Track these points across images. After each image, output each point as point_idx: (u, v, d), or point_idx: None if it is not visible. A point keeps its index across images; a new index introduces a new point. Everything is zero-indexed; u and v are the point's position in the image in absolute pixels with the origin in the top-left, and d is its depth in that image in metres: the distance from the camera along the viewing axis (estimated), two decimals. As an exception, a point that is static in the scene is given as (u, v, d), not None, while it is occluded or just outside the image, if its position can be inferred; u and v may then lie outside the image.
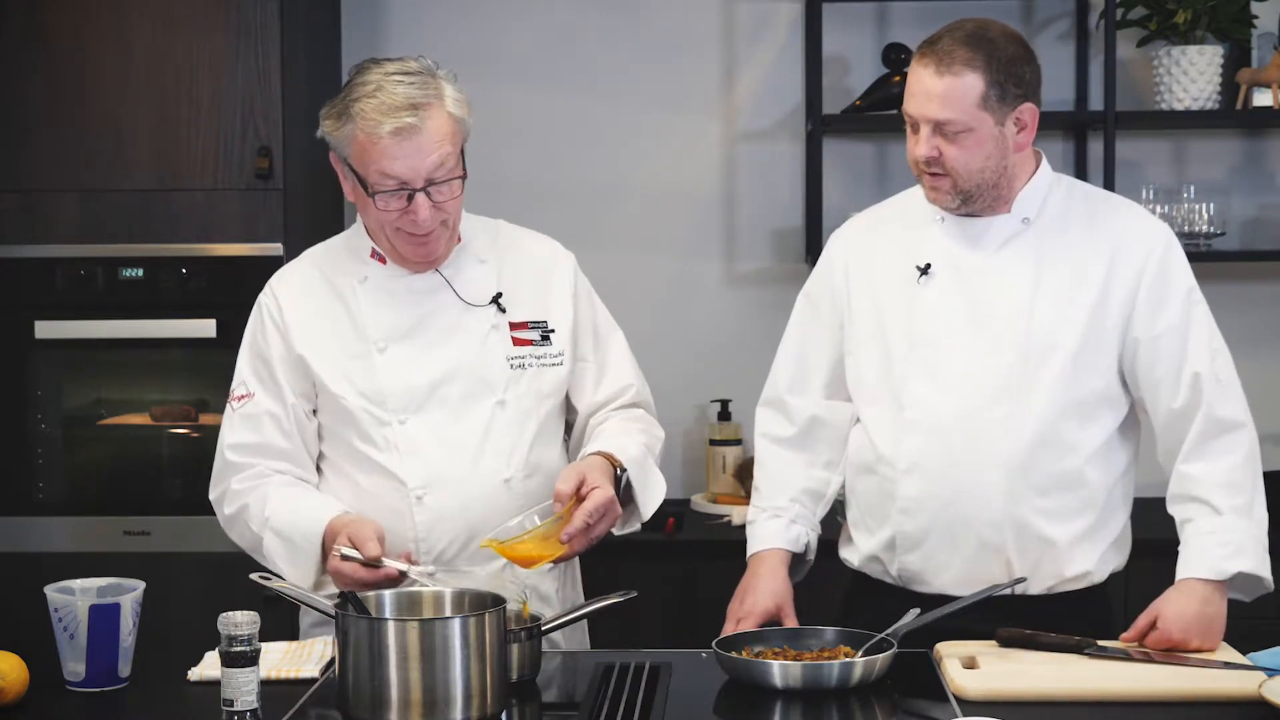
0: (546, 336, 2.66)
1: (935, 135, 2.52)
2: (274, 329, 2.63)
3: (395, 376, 2.58)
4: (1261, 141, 4.28)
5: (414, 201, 2.48)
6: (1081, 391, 2.54)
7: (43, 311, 3.78)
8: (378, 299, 2.62)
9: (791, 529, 2.73)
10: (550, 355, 2.65)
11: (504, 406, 2.60)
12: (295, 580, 2.49)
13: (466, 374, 2.59)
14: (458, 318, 2.62)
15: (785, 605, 2.64)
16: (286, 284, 2.68)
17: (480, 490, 2.56)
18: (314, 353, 2.60)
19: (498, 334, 2.62)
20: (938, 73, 2.49)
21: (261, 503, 2.57)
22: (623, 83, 4.31)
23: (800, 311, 2.80)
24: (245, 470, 2.61)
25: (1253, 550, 2.48)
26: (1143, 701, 2.23)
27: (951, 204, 2.58)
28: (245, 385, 2.64)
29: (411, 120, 2.44)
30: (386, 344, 2.59)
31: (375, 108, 2.45)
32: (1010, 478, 2.53)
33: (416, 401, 2.58)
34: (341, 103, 2.51)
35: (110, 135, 3.76)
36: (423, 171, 2.47)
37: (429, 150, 2.46)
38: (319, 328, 2.62)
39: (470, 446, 2.58)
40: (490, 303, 2.63)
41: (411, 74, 2.49)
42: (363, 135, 2.46)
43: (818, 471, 2.76)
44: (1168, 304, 2.55)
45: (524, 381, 2.62)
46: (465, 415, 2.59)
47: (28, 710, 2.26)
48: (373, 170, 2.47)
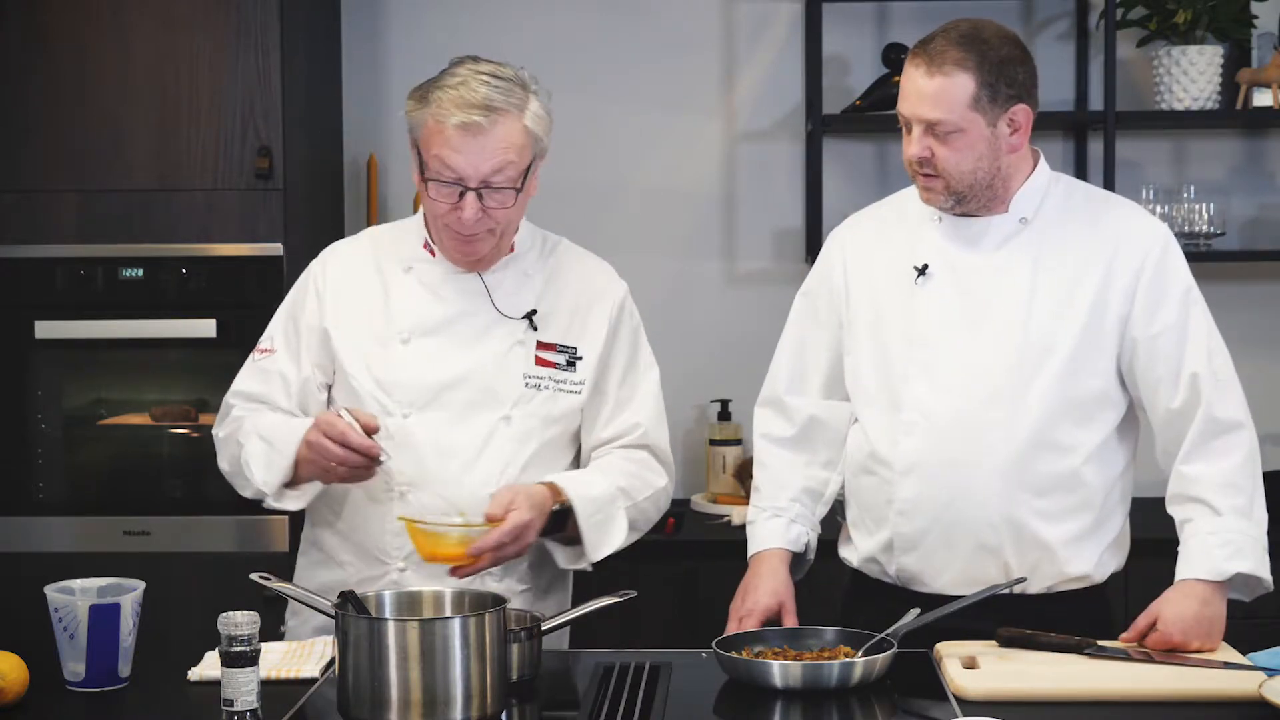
0: (572, 363, 2.65)
1: (927, 136, 2.52)
2: (313, 297, 2.66)
3: (409, 370, 2.59)
4: (1261, 141, 4.29)
5: (463, 199, 2.49)
6: (1079, 392, 2.54)
7: (43, 311, 3.78)
8: (416, 291, 2.63)
9: (792, 529, 2.74)
10: (571, 382, 2.64)
11: (509, 422, 2.60)
12: (261, 479, 2.54)
13: (478, 382, 2.59)
14: (487, 325, 2.61)
15: (787, 602, 2.65)
16: (338, 257, 2.72)
17: (463, 500, 2.55)
18: (341, 330, 2.62)
19: (522, 349, 2.62)
20: (929, 73, 2.50)
21: (256, 419, 2.61)
22: (623, 83, 4.31)
23: (798, 311, 2.80)
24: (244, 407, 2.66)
25: (1252, 551, 2.48)
26: (1143, 701, 2.22)
27: (945, 204, 2.58)
28: (271, 340, 2.68)
29: (480, 119, 2.46)
30: (411, 336, 2.60)
31: (452, 98, 2.47)
32: (1007, 479, 2.53)
33: (423, 399, 2.58)
34: (427, 87, 2.53)
35: (110, 135, 3.76)
36: (479, 172, 2.47)
37: (491, 153, 2.47)
38: (354, 307, 2.64)
39: (464, 454, 2.58)
40: (523, 317, 2.63)
41: (501, 78, 2.51)
42: (433, 121, 2.48)
43: (817, 471, 2.77)
44: (1166, 304, 2.55)
45: (535, 402, 2.61)
46: (467, 422, 2.59)
47: (28, 710, 2.26)
48: (433, 156, 2.49)
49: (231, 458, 2.64)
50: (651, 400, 2.73)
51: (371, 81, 4.33)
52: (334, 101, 4.24)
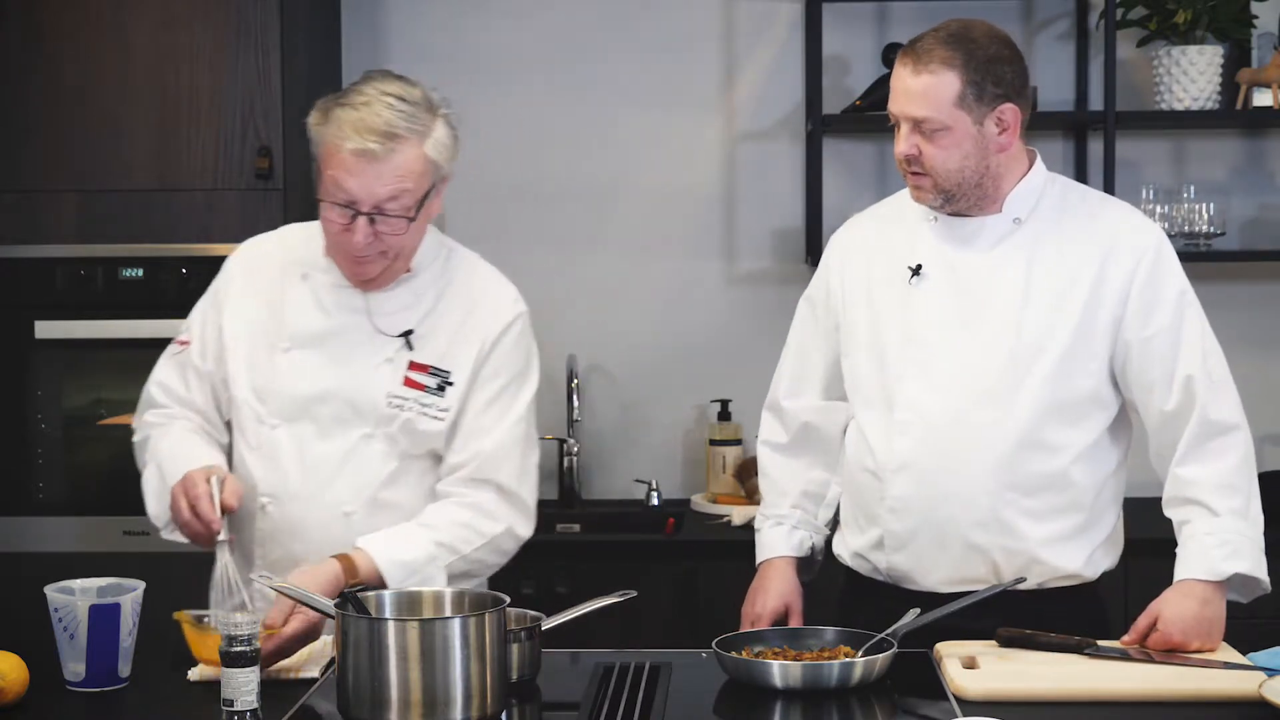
0: (443, 388, 2.59)
1: (914, 133, 2.53)
2: (221, 295, 2.68)
3: (284, 380, 2.59)
4: (1261, 141, 4.28)
5: (355, 222, 2.46)
6: (1069, 393, 2.54)
7: (43, 311, 3.78)
8: (306, 300, 2.62)
9: (794, 535, 2.78)
10: (436, 408, 2.58)
11: (369, 441, 2.58)
12: (154, 515, 2.60)
13: (345, 398, 2.58)
14: (364, 340, 2.59)
15: (793, 604, 2.72)
16: (250, 256, 2.73)
17: (320, 516, 2.56)
18: (234, 332, 2.63)
19: (390, 368, 2.58)
20: (915, 71, 2.51)
21: (160, 439, 2.63)
22: (623, 83, 4.31)
23: (800, 315, 2.82)
24: (161, 409, 2.67)
25: (1249, 551, 2.48)
26: (1143, 701, 2.23)
27: (934, 203, 2.59)
28: (189, 332, 2.69)
29: (375, 146, 2.42)
30: (291, 346, 2.60)
31: (353, 121, 2.44)
32: (996, 478, 2.53)
33: (292, 411, 2.58)
34: (332, 102, 2.51)
35: (110, 135, 3.76)
36: (373, 198, 2.45)
37: (386, 181, 2.44)
38: (251, 311, 2.64)
39: (324, 470, 2.57)
40: (399, 335, 2.60)
41: (407, 102, 2.47)
42: (331, 141, 2.46)
43: (816, 474, 2.80)
44: (1159, 306, 2.55)
45: (397, 423, 2.58)
46: (330, 438, 2.58)
47: (28, 710, 2.26)
48: (328, 176, 2.47)
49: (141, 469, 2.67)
50: (509, 432, 2.61)
51: (371, 81, 4.32)
52: (334, 101, 4.23)
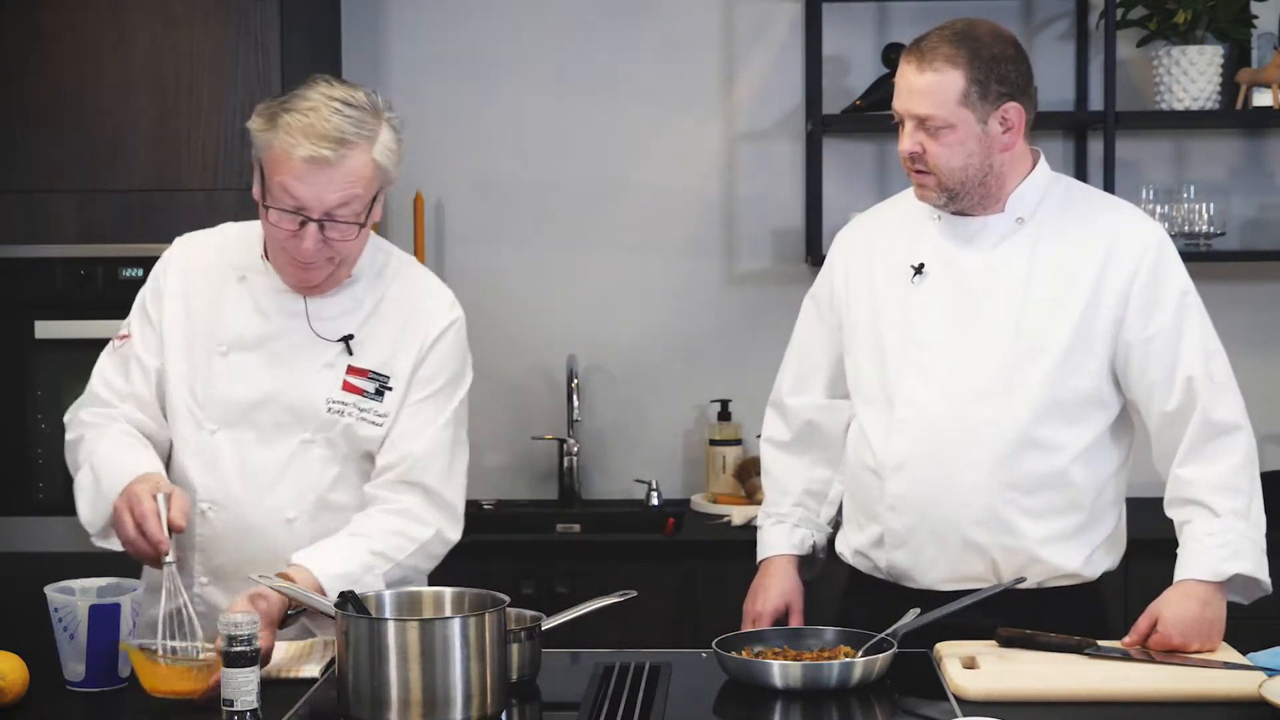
0: (381, 392, 2.57)
1: (918, 131, 2.53)
2: (156, 291, 2.63)
3: (222, 385, 2.56)
4: (1261, 141, 4.28)
5: (304, 229, 2.44)
6: (1068, 392, 2.54)
7: (43, 311, 3.78)
8: (243, 303, 2.59)
9: (795, 533, 2.79)
10: (375, 412, 2.57)
11: (309, 446, 2.56)
12: (87, 518, 2.51)
13: (284, 403, 2.55)
14: (302, 344, 2.57)
15: (794, 603, 2.74)
16: (185, 252, 2.67)
17: (262, 522, 2.54)
18: (170, 334, 2.59)
19: (330, 373, 2.57)
20: (920, 69, 2.51)
21: (96, 439, 2.56)
22: (623, 83, 4.31)
23: (805, 313, 2.83)
24: (101, 407, 2.61)
25: (1250, 552, 2.48)
26: (1143, 701, 2.23)
27: (937, 201, 2.59)
28: (129, 326, 2.65)
29: (328, 153, 2.40)
30: (229, 350, 2.57)
31: (301, 127, 2.40)
32: (994, 476, 2.54)
33: (232, 416, 2.55)
34: (276, 107, 2.46)
35: (110, 135, 3.76)
36: (323, 204, 2.42)
37: (337, 186, 2.42)
38: (187, 311, 2.60)
39: (265, 476, 2.55)
40: (339, 340, 2.57)
41: (354, 107, 2.44)
42: (279, 148, 2.42)
43: (818, 472, 2.81)
44: (1160, 306, 2.55)
45: (337, 428, 2.56)
46: (270, 443, 2.56)
47: (28, 710, 2.26)
48: (276, 183, 2.43)
49: (72, 468, 2.61)
50: (438, 435, 2.59)
51: (371, 82, 4.31)
52: (334, 101, 4.23)
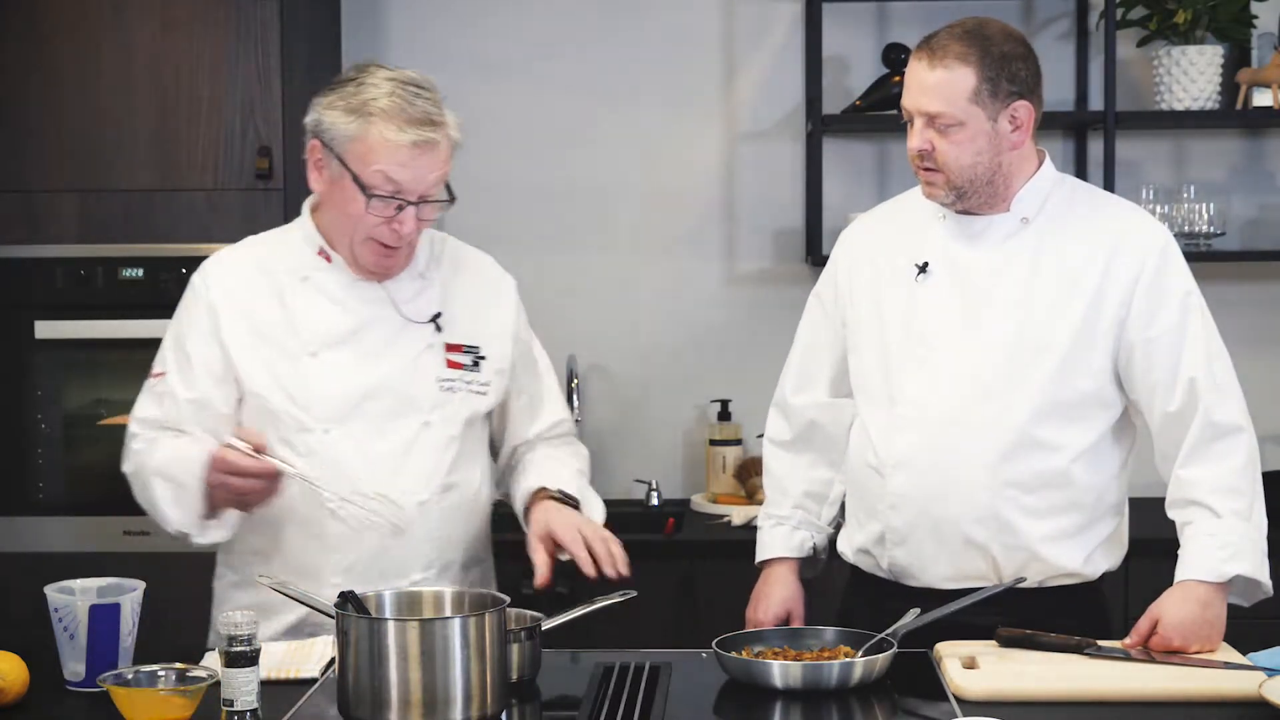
0: (477, 363, 2.63)
1: (928, 129, 2.53)
2: (204, 314, 2.60)
3: (324, 384, 2.55)
4: (1261, 141, 4.28)
5: (403, 213, 2.46)
6: (1070, 392, 2.55)
7: (43, 311, 3.78)
8: (317, 301, 2.58)
9: (795, 535, 2.80)
10: (478, 383, 2.63)
11: (429, 428, 2.58)
12: (179, 521, 2.53)
13: (395, 391, 2.57)
14: (394, 332, 2.59)
15: (795, 610, 2.75)
16: (224, 269, 2.65)
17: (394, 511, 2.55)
18: (241, 346, 2.57)
19: (432, 353, 2.60)
20: (930, 66, 2.51)
21: (149, 457, 2.58)
22: (623, 83, 4.31)
23: (809, 311, 2.84)
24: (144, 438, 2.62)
25: (1251, 554, 2.48)
26: (1143, 701, 2.23)
27: (946, 199, 2.59)
28: (163, 363, 2.64)
29: (432, 135, 2.45)
30: (319, 349, 2.57)
31: (398, 113, 2.44)
32: (995, 475, 2.54)
33: (342, 412, 2.55)
34: (353, 98, 2.47)
35: (110, 135, 3.76)
36: (423, 186, 2.46)
37: (435, 167, 2.47)
38: (251, 321, 2.59)
39: (390, 464, 2.56)
40: (429, 321, 2.61)
41: (422, 88, 2.49)
42: (377, 136, 2.44)
43: (819, 473, 2.81)
44: (1164, 307, 2.55)
45: (452, 405, 2.60)
46: (389, 432, 2.57)
47: (28, 710, 2.26)
48: (375, 172, 2.45)
49: (145, 501, 2.61)
50: (558, 390, 2.82)
51: (371, 81, 4.32)
52: (334, 101, 4.23)
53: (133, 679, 2.18)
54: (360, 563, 2.56)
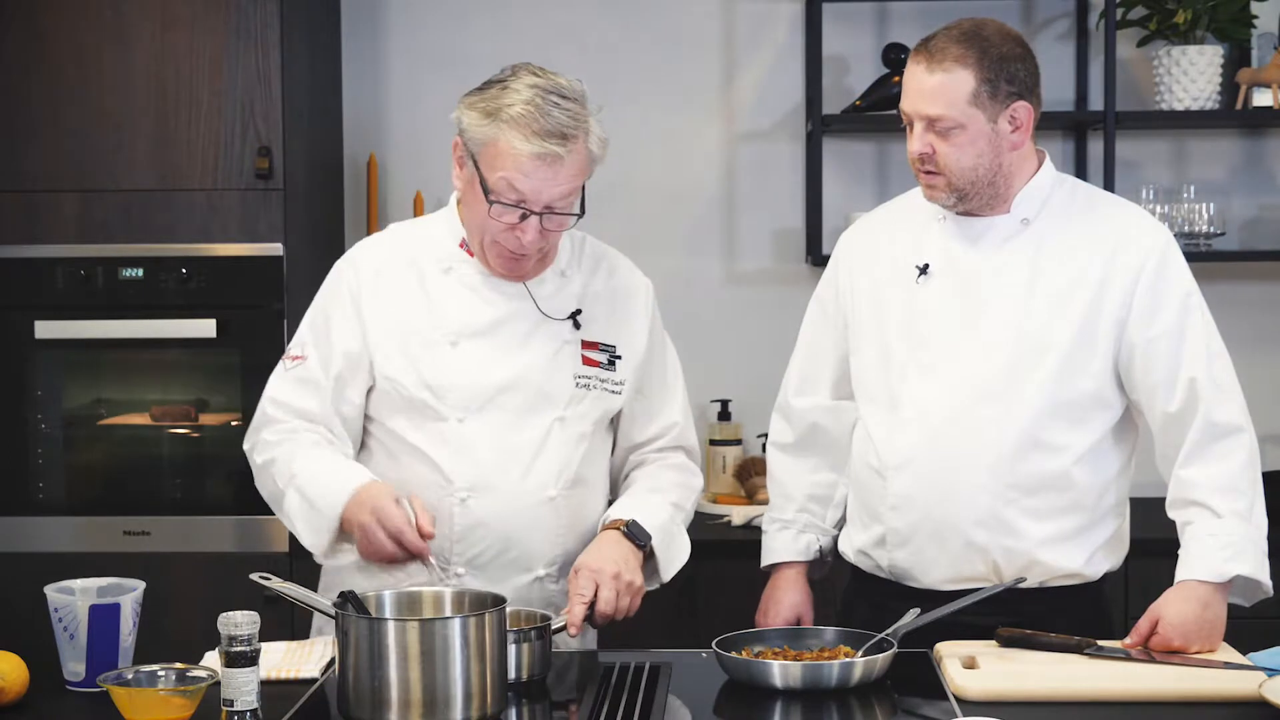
0: (613, 362, 2.64)
1: (928, 132, 2.53)
2: (347, 294, 2.60)
3: (462, 374, 2.55)
4: (1261, 141, 4.28)
5: (526, 221, 2.45)
6: (1071, 393, 2.55)
7: (43, 311, 3.78)
8: (459, 292, 2.59)
9: (800, 539, 2.81)
10: (613, 382, 2.63)
11: (563, 424, 2.59)
12: (309, 542, 2.50)
13: (533, 385, 2.57)
14: (534, 327, 2.59)
15: (805, 615, 2.77)
16: (370, 256, 2.64)
17: (524, 504, 2.55)
18: (381, 331, 2.57)
19: (570, 349, 2.60)
20: (929, 69, 2.51)
21: (289, 458, 2.54)
22: (623, 83, 4.31)
23: (811, 314, 2.84)
24: (279, 424, 2.59)
25: (1251, 554, 2.48)
26: (1143, 701, 2.23)
27: (947, 201, 2.59)
28: (301, 347, 2.62)
29: (559, 150, 2.41)
30: (459, 339, 2.57)
31: (527, 122, 2.40)
32: (996, 476, 2.54)
33: (478, 402, 2.55)
34: (492, 101, 2.45)
35: (110, 135, 3.76)
36: (547, 198, 2.44)
37: (562, 180, 2.44)
38: (392, 308, 2.58)
39: (523, 458, 2.56)
40: (568, 318, 2.61)
41: (566, 98, 2.44)
42: (505, 144, 2.42)
43: (822, 475, 2.81)
44: (1164, 307, 2.55)
45: (586, 402, 2.60)
46: (524, 425, 2.57)
47: (28, 710, 2.26)
48: (499, 179, 2.43)
49: (270, 495, 2.60)
50: (683, 396, 2.77)
51: (371, 81, 4.33)
52: (334, 101, 4.24)
53: (133, 679, 2.18)
54: (484, 555, 2.55)
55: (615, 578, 2.46)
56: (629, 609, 2.49)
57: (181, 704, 2.14)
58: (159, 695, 2.15)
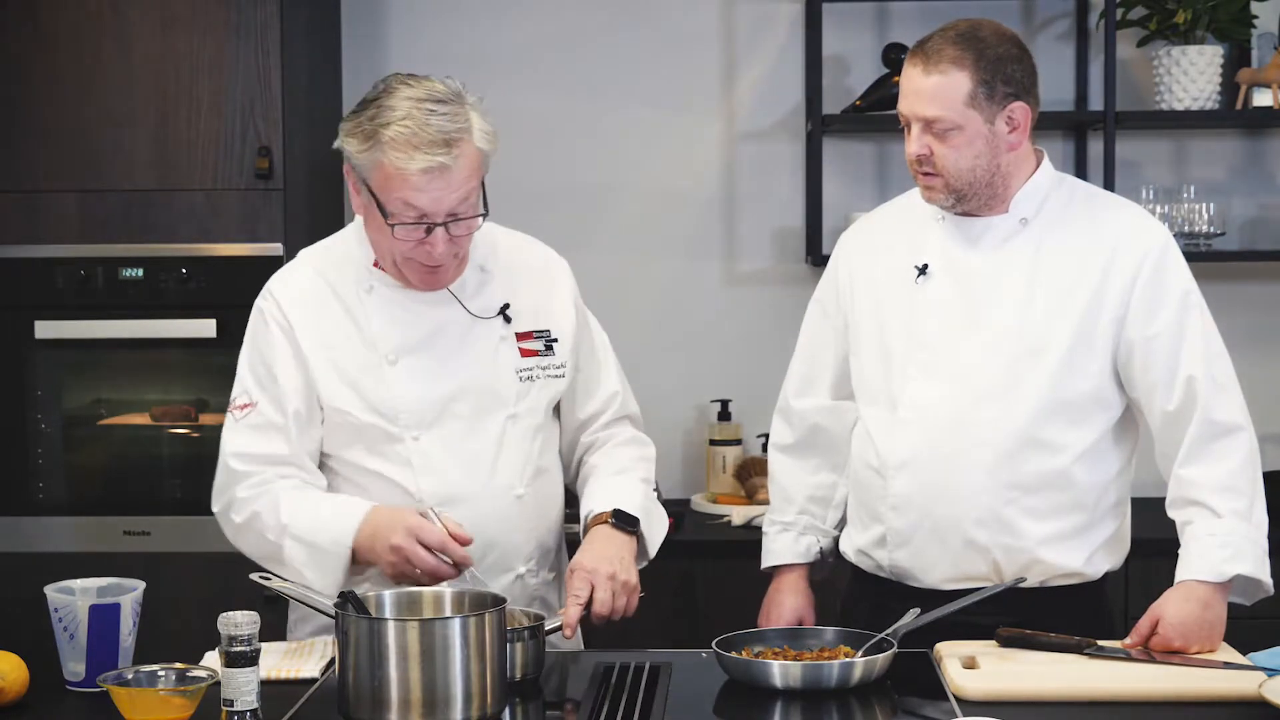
0: (550, 347, 2.63)
1: (925, 134, 2.53)
2: (278, 331, 2.55)
3: (407, 390, 2.53)
4: (1261, 141, 4.28)
5: (432, 235, 2.42)
6: (1070, 392, 2.55)
7: (43, 311, 3.78)
8: (386, 310, 2.55)
9: (801, 541, 2.81)
10: (554, 366, 2.63)
11: (515, 420, 2.59)
12: (319, 586, 2.42)
13: (479, 388, 2.57)
14: (466, 330, 2.58)
15: (807, 617, 2.78)
16: (288, 287, 2.60)
17: (494, 506, 2.55)
18: (318, 363, 2.54)
19: (506, 346, 2.60)
20: (925, 71, 2.51)
21: (274, 510, 2.50)
22: (623, 83, 4.31)
23: (810, 316, 2.84)
24: (250, 478, 2.53)
25: (1251, 553, 2.48)
26: (1143, 701, 2.23)
27: (945, 203, 2.59)
28: (248, 394, 2.56)
29: (444, 159, 2.37)
30: (398, 356, 2.54)
31: (407, 140, 2.37)
32: (996, 476, 2.54)
33: (429, 417, 2.54)
34: (369, 124, 2.42)
35: (110, 135, 3.76)
36: (446, 207, 2.41)
37: (456, 187, 2.40)
38: (324, 338, 2.55)
39: (484, 462, 2.56)
40: (498, 314, 2.61)
41: (442, 102, 2.40)
42: (390, 165, 2.38)
43: (823, 477, 2.82)
44: (1163, 306, 2.55)
45: (533, 394, 2.60)
46: (478, 430, 2.56)
47: (28, 710, 2.26)
48: (394, 199, 2.40)
49: (259, 552, 2.54)
50: (614, 366, 2.76)
51: (371, 81, 4.30)
52: (334, 101, 4.24)
53: (133, 679, 2.18)
54: None
55: (611, 578, 2.46)
56: (626, 609, 2.48)
57: (181, 704, 2.14)
58: (159, 695, 2.15)
